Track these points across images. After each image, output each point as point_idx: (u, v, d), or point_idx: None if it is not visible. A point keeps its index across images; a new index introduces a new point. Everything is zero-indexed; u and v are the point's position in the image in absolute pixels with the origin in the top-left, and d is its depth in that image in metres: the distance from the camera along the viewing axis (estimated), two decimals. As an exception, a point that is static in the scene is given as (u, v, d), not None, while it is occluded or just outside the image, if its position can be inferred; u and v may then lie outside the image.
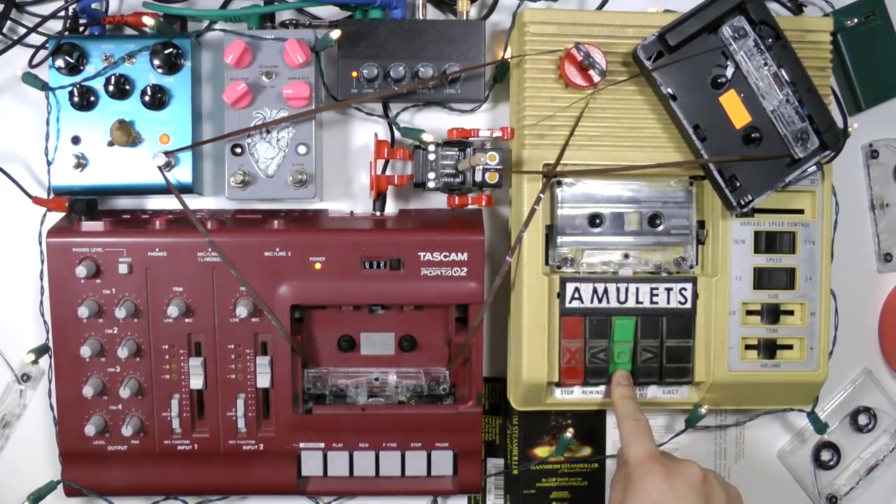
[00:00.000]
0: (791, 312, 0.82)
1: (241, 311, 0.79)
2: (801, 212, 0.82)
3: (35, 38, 0.82)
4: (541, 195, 0.78)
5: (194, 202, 0.85)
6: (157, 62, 0.80)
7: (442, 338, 0.85)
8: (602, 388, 0.82)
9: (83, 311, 0.78)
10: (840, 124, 0.78)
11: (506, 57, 0.83)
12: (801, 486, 0.92)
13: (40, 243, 0.82)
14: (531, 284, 0.79)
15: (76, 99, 0.80)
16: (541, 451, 0.88)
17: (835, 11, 0.85)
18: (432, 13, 0.84)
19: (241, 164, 0.80)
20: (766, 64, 0.76)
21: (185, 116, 0.81)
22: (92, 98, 0.80)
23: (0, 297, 0.87)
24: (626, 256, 0.82)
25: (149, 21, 0.78)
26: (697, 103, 0.77)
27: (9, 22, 0.83)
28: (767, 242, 0.81)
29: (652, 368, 0.81)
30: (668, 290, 0.81)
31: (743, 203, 0.77)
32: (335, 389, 0.84)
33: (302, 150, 0.80)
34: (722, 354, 0.81)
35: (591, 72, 0.77)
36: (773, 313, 0.82)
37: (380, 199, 0.84)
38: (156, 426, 0.82)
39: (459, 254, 0.79)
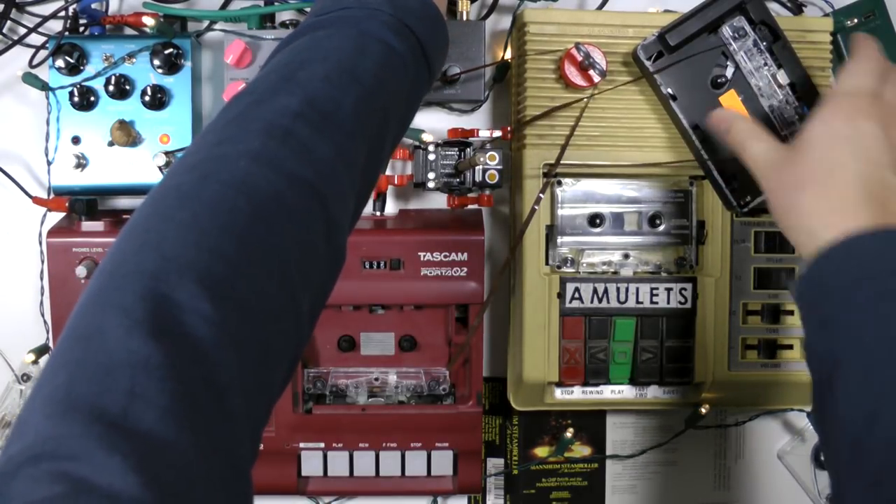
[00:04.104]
0: (791, 312, 0.82)
1: (241, 311, 0.79)
2: (801, 212, 0.82)
3: (35, 38, 0.82)
4: (541, 195, 0.78)
5: (194, 202, 0.85)
6: (157, 62, 0.80)
7: (442, 338, 0.85)
8: (602, 387, 0.82)
9: (83, 311, 0.78)
10: (840, 124, 0.78)
11: (506, 57, 0.83)
12: (801, 486, 0.92)
13: (40, 243, 0.81)
14: (531, 284, 0.79)
15: (76, 99, 0.80)
16: (541, 451, 0.88)
17: (835, 11, 0.85)
18: (432, 13, 0.84)
19: (241, 164, 0.80)
20: (765, 64, 0.76)
21: (185, 116, 0.81)
22: (92, 98, 0.80)
23: (0, 297, 0.87)
24: (627, 256, 0.82)
25: (149, 21, 0.77)
26: (697, 103, 0.77)
27: (9, 22, 0.83)
28: (767, 242, 0.81)
29: (652, 368, 0.81)
30: (668, 290, 0.81)
31: (743, 203, 0.77)
32: (335, 389, 0.84)
33: (302, 150, 0.80)
34: (722, 354, 0.81)
35: (591, 72, 0.77)
36: (773, 313, 0.82)
37: (380, 199, 0.84)
38: (156, 426, 0.81)
39: (459, 254, 0.79)
